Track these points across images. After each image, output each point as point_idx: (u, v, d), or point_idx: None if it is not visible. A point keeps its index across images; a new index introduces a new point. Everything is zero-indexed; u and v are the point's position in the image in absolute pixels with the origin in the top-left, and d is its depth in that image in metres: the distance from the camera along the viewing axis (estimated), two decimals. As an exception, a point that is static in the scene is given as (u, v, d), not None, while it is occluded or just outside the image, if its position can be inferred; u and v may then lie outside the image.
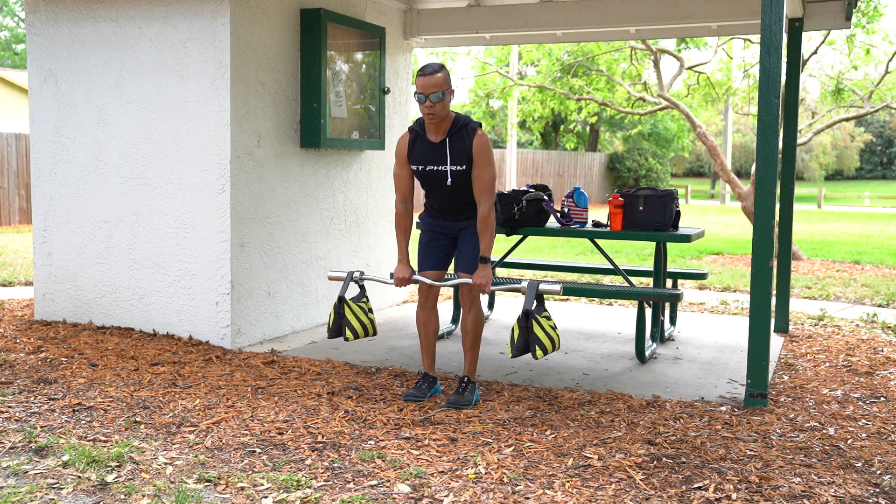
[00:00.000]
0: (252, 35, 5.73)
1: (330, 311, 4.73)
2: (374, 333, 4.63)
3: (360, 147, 6.73)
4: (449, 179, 4.41)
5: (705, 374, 5.34)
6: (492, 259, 6.44)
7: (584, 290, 5.87)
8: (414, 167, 4.49)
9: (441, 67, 4.33)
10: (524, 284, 4.26)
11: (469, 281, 4.42)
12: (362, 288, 4.68)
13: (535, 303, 4.19)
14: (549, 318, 4.21)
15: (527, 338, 4.13)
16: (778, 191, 5.68)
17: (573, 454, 3.75)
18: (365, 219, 7.10)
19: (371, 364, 5.37)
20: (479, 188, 4.38)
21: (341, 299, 4.51)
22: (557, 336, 4.21)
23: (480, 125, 4.45)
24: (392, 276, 4.63)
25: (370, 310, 4.61)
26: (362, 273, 4.66)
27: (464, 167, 4.38)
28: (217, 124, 5.62)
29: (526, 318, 4.13)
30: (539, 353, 4.10)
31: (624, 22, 7.08)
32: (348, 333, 4.49)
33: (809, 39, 11.39)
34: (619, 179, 32.13)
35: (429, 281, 4.54)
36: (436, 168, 4.43)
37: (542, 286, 4.22)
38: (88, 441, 3.81)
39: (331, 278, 4.72)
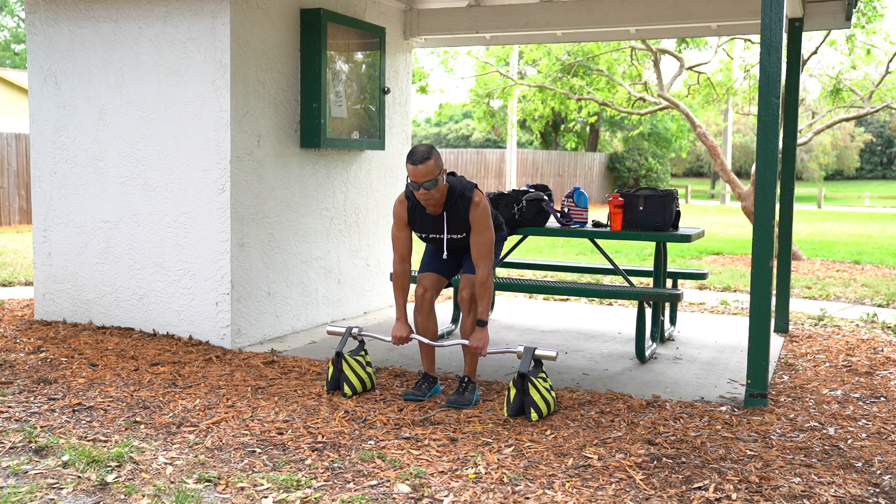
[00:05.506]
0: (252, 35, 5.73)
1: (328, 366, 4.92)
2: (373, 388, 4.74)
3: (360, 147, 6.73)
4: (445, 252, 4.56)
5: (705, 374, 5.34)
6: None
7: (584, 290, 5.87)
8: (417, 233, 4.62)
9: (430, 150, 4.22)
10: (520, 349, 4.35)
11: (466, 343, 4.48)
12: (361, 342, 4.81)
13: (531, 365, 4.27)
14: (545, 380, 4.30)
15: (522, 399, 4.22)
16: (778, 191, 5.68)
17: (573, 454, 3.75)
18: (365, 218, 7.10)
19: (371, 364, 5.36)
20: (477, 253, 4.41)
21: (339, 354, 4.61)
22: (553, 398, 4.32)
23: (475, 187, 4.44)
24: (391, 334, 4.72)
25: (368, 363, 4.73)
26: (361, 329, 4.81)
27: (462, 235, 4.49)
28: (217, 124, 5.62)
29: (522, 380, 4.20)
30: (534, 415, 4.19)
31: (624, 22, 7.08)
32: (346, 389, 4.60)
33: (810, 39, 11.39)
34: (619, 179, 32.12)
35: (426, 340, 4.63)
36: (437, 237, 4.56)
37: (538, 351, 4.31)
38: (88, 441, 3.81)
39: (329, 333, 4.87)
